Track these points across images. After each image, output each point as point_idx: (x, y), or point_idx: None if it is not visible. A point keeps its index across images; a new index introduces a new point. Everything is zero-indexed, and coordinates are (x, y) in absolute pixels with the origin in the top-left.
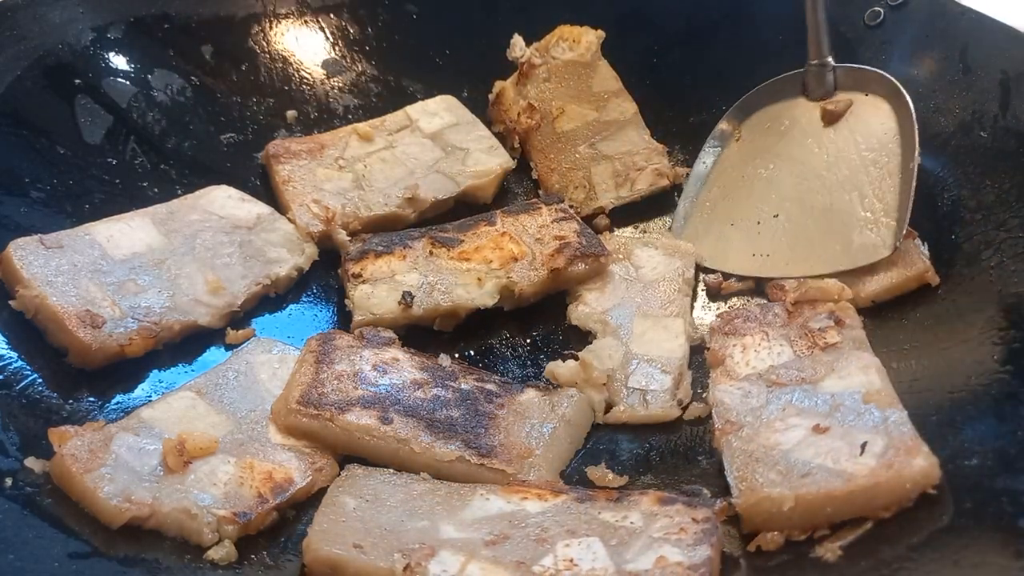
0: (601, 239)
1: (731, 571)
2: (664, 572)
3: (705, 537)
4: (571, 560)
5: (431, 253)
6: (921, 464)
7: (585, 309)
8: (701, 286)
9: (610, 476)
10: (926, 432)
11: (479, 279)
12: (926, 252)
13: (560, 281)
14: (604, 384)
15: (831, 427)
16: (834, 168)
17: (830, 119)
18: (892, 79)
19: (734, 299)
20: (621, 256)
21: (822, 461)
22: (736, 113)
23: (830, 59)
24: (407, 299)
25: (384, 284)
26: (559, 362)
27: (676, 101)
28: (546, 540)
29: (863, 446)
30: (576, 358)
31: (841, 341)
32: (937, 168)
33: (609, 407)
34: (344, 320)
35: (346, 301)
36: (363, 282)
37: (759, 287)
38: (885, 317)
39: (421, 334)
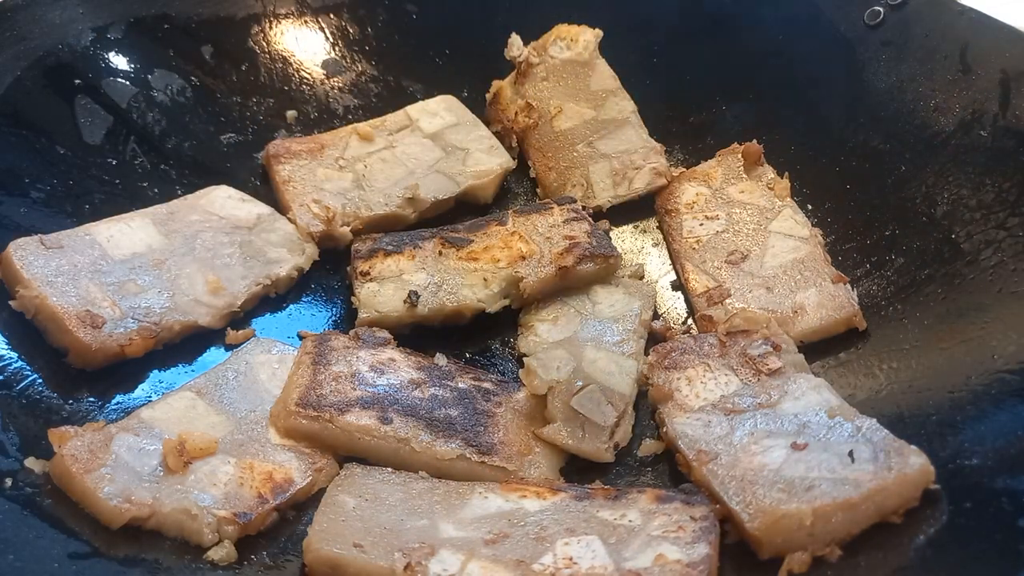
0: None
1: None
2: (663, 570)
3: (703, 535)
4: (570, 558)
5: (440, 253)
6: (918, 461)
7: (535, 339)
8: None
9: (652, 444)
10: (926, 432)
11: (485, 279)
12: (855, 297)
13: (568, 280)
14: (544, 396)
15: (809, 443)
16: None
17: None
18: None
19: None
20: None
21: (819, 474)
22: None
23: None
24: (413, 298)
25: (391, 283)
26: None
27: (675, 100)
28: (545, 538)
29: (851, 454)
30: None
31: (783, 366)
32: (937, 168)
33: (547, 421)
34: (346, 319)
35: (352, 299)
36: (370, 280)
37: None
38: (885, 317)
39: (416, 336)
